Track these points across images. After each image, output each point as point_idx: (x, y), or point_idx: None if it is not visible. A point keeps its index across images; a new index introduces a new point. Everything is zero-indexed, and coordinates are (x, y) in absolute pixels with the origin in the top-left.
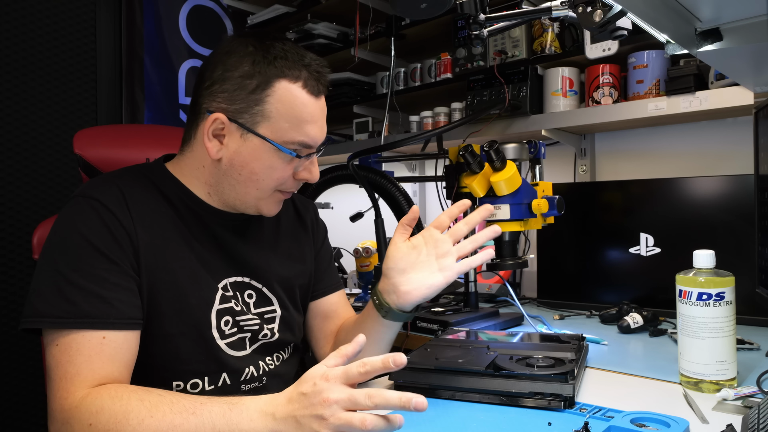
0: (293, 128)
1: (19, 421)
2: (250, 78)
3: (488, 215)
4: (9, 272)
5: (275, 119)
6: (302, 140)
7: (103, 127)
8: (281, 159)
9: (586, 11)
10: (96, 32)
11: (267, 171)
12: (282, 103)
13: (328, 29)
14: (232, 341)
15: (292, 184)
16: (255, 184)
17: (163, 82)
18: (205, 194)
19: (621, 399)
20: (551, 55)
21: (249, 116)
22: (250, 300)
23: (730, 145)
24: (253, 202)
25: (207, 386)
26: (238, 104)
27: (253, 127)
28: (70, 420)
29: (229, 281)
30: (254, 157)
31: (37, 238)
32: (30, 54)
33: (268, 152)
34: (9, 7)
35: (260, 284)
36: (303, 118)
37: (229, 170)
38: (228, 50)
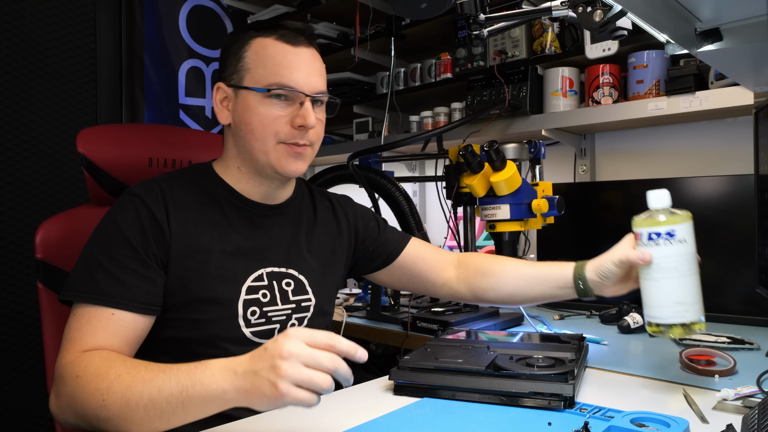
0: (271, 72)
1: (19, 421)
2: (233, 45)
3: None
4: (10, 272)
5: (254, 68)
6: (280, 81)
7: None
8: (269, 104)
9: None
10: (96, 32)
11: (257, 118)
12: (257, 53)
13: (328, 29)
14: (259, 331)
15: (290, 132)
16: (253, 135)
17: (163, 82)
18: (238, 175)
19: (621, 399)
20: (551, 55)
21: (236, 75)
22: (288, 288)
23: (730, 145)
24: (262, 158)
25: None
26: (228, 69)
27: (239, 83)
28: (63, 373)
29: (266, 271)
30: (246, 109)
31: (39, 238)
32: (30, 54)
33: (255, 100)
34: (9, 7)
35: (297, 273)
36: (278, 61)
37: (237, 131)
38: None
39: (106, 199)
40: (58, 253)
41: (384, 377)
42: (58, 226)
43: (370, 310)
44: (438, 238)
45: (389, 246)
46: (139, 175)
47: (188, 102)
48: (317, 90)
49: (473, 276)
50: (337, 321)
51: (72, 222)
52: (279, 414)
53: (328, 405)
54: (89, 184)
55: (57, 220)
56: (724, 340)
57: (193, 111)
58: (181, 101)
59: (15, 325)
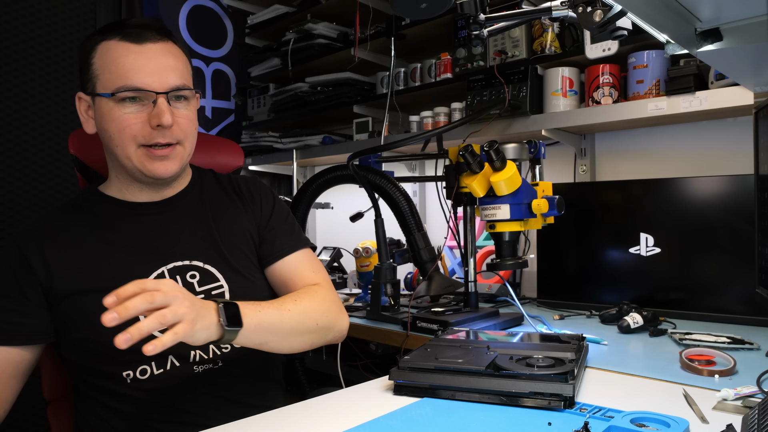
0: (116, 76)
1: (19, 422)
2: (83, 53)
3: None
4: None
5: (101, 74)
6: (125, 84)
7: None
8: (121, 109)
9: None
10: None
11: (112, 124)
12: (101, 59)
13: (328, 29)
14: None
15: (149, 133)
16: (114, 143)
17: None
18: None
19: (621, 399)
20: (551, 55)
21: (89, 83)
22: (193, 280)
23: (730, 145)
24: (129, 165)
25: (156, 370)
26: (83, 78)
27: (93, 90)
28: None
29: (167, 268)
30: (102, 116)
31: None
32: (30, 54)
33: (108, 106)
34: (9, 7)
35: (200, 262)
36: (122, 63)
37: (102, 140)
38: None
39: None
40: None
41: (384, 377)
42: None
43: (370, 310)
44: (438, 238)
45: (278, 247)
46: None
47: None
48: (170, 86)
49: None
50: None
51: None
52: (278, 414)
53: (329, 405)
54: (82, 185)
55: None
56: (724, 340)
57: None
58: None
59: None
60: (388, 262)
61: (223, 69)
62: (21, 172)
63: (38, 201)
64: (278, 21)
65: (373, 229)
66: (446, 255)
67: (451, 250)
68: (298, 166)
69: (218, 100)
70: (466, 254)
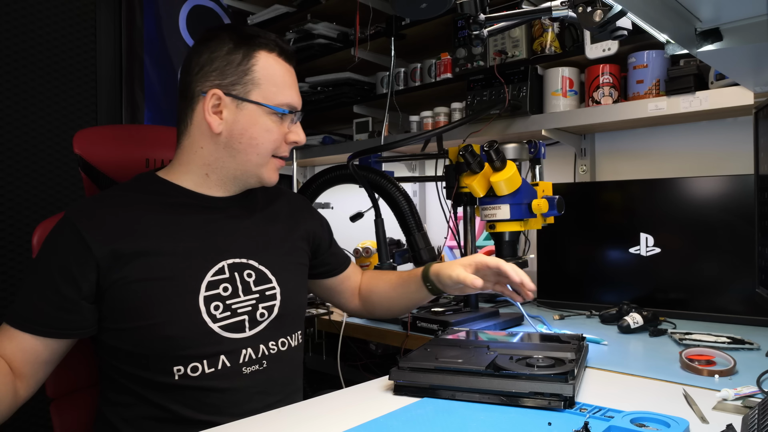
0: (279, 91)
1: (19, 422)
2: (235, 54)
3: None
4: (9, 272)
5: (264, 85)
6: (288, 102)
7: (103, 127)
8: (274, 121)
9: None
10: (96, 32)
11: (264, 134)
12: (266, 70)
13: (328, 29)
14: (227, 324)
15: (284, 148)
16: (255, 149)
17: (163, 82)
18: (202, 179)
19: (621, 399)
20: (551, 55)
21: (241, 87)
22: (249, 279)
23: (730, 145)
24: (253, 170)
25: (207, 369)
26: (229, 78)
27: (246, 95)
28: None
29: (227, 263)
30: (251, 123)
31: (36, 238)
32: (30, 54)
33: (263, 116)
34: (9, 7)
35: (256, 262)
36: (285, 81)
37: (230, 141)
38: (207, 38)
39: None
40: None
41: (384, 377)
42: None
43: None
44: (438, 238)
45: (335, 261)
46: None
47: None
48: (301, 107)
49: (366, 300)
50: (337, 321)
51: None
52: (278, 414)
53: (329, 405)
54: (86, 185)
55: (53, 223)
56: (724, 340)
57: None
58: None
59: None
60: (388, 262)
61: None
62: (21, 173)
63: (38, 201)
64: (278, 21)
65: (373, 229)
66: (446, 255)
67: (451, 250)
68: (298, 166)
69: None
70: (466, 254)
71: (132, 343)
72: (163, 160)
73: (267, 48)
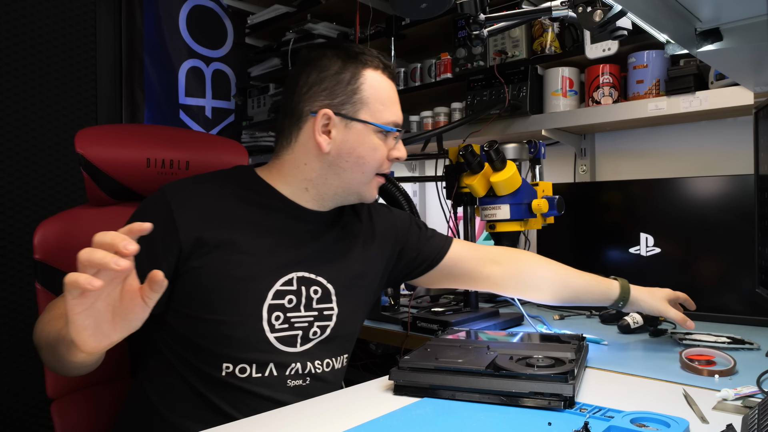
0: (386, 109)
1: (19, 421)
2: (343, 73)
3: None
4: (9, 272)
5: (372, 103)
6: (394, 119)
7: (105, 126)
8: (380, 139)
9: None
10: (96, 32)
11: (371, 153)
12: (374, 88)
13: (328, 29)
14: (283, 336)
15: (387, 165)
16: (361, 168)
17: (163, 82)
18: (300, 191)
19: (621, 399)
20: (551, 55)
21: (350, 106)
22: (314, 295)
23: (730, 145)
24: (356, 188)
25: (254, 373)
26: (339, 98)
27: (355, 115)
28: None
29: (296, 275)
30: (360, 142)
31: (37, 238)
32: (30, 54)
33: (371, 135)
34: (9, 7)
35: (326, 281)
36: (391, 98)
37: (337, 160)
38: (315, 57)
39: (103, 199)
40: (56, 254)
41: (384, 377)
42: (56, 227)
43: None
44: None
45: (432, 252)
46: (137, 176)
47: (188, 102)
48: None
49: (521, 276)
50: None
51: (69, 223)
52: (279, 414)
53: (329, 405)
54: (87, 184)
55: (55, 221)
56: (724, 340)
57: (193, 111)
58: (181, 101)
59: (15, 325)
60: None
61: (223, 69)
62: (21, 172)
63: (38, 201)
64: (278, 21)
65: None
66: None
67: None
68: None
69: (218, 100)
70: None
71: (190, 330)
72: (164, 159)
73: (373, 66)
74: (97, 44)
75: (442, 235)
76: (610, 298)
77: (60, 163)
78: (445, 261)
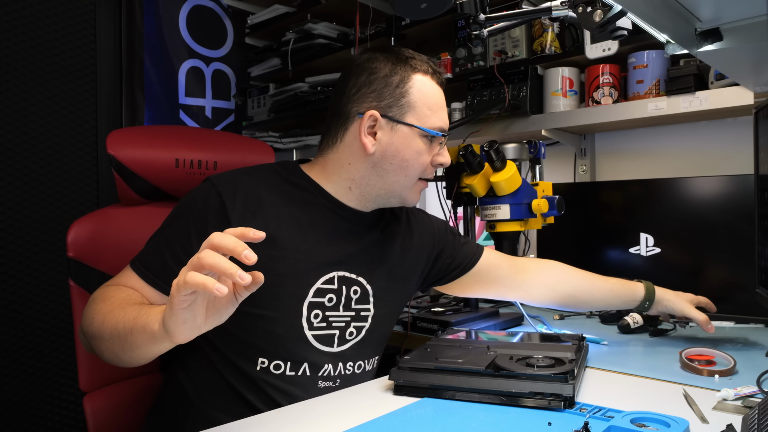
0: (433, 114)
1: (19, 421)
2: (393, 76)
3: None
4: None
5: (419, 107)
6: (440, 125)
7: (135, 128)
8: (425, 144)
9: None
10: (96, 32)
11: (416, 157)
12: (422, 93)
13: (328, 29)
14: (320, 335)
15: (431, 170)
16: (404, 171)
17: (163, 82)
18: (344, 190)
19: (621, 399)
20: (551, 55)
21: (397, 109)
22: (354, 296)
23: (730, 145)
24: (398, 191)
25: (288, 371)
26: (386, 100)
27: (401, 118)
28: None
29: (338, 274)
30: (405, 145)
31: (71, 236)
32: (30, 54)
33: (416, 139)
34: (9, 7)
35: (365, 282)
36: (438, 104)
37: (381, 162)
38: (366, 59)
39: (134, 199)
40: (88, 252)
41: (384, 377)
42: (88, 226)
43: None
44: None
45: (465, 258)
46: (167, 176)
47: (188, 102)
48: (448, 128)
49: (552, 282)
50: None
51: (102, 222)
52: (279, 414)
53: (329, 405)
54: (118, 184)
55: (87, 220)
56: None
57: (193, 111)
58: (181, 101)
59: (47, 321)
60: None
61: (223, 69)
62: (21, 173)
63: (38, 201)
64: (278, 21)
65: None
66: None
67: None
68: None
69: (218, 100)
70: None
71: (230, 322)
72: (192, 160)
73: (422, 71)
74: (97, 44)
75: (474, 242)
76: (636, 299)
77: (60, 163)
78: (479, 267)
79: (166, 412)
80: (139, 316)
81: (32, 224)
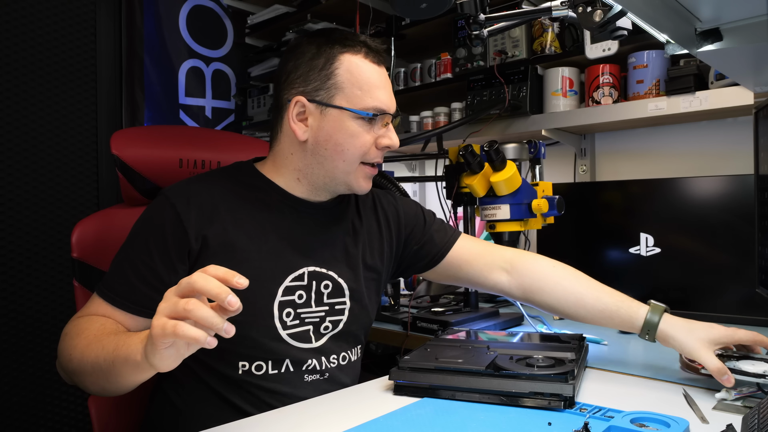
0: (365, 94)
1: (19, 421)
2: (318, 58)
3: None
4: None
5: (348, 88)
6: (376, 105)
7: (139, 128)
8: (361, 126)
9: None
10: (96, 32)
11: (350, 140)
12: (350, 73)
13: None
14: (295, 333)
15: (375, 153)
16: (341, 156)
17: (163, 82)
18: (294, 182)
19: (621, 399)
20: (551, 55)
21: (324, 92)
22: (325, 290)
23: (730, 145)
24: (342, 177)
25: (270, 370)
26: (312, 84)
27: (330, 101)
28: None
29: (307, 270)
30: (336, 129)
31: (75, 237)
32: (30, 54)
33: (348, 121)
34: (9, 7)
35: (336, 275)
36: (372, 83)
37: (316, 148)
38: (294, 44)
39: (138, 199)
40: (92, 252)
41: (384, 377)
42: (92, 226)
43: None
44: None
45: (434, 247)
46: (170, 176)
47: (188, 102)
48: (395, 109)
49: (530, 288)
50: None
51: (106, 222)
52: (278, 415)
53: (329, 405)
54: (122, 184)
55: (91, 221)
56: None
57: (193, 111)
58: (181, 101)
59: (55, 324)
60: None
61: (223, 69)
62: (21, 173)
63: (38, 201)
64: (278, 21)
65: None
66: None
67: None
68: None
69: (218, 100)
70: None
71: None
72: (196, 160)
73: (352, 50)
74: (97, 44)
75: (450, 229)
76: (632, 326)
77: (60, 163)
78: (449, 260)
79: (158, 425)
80: (119, 348)
81: (32, 224)
